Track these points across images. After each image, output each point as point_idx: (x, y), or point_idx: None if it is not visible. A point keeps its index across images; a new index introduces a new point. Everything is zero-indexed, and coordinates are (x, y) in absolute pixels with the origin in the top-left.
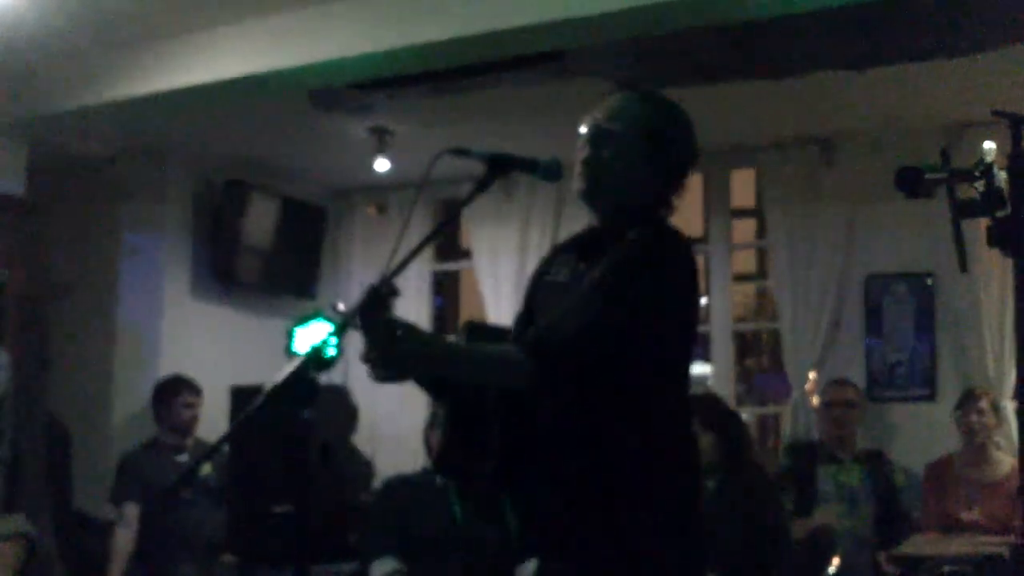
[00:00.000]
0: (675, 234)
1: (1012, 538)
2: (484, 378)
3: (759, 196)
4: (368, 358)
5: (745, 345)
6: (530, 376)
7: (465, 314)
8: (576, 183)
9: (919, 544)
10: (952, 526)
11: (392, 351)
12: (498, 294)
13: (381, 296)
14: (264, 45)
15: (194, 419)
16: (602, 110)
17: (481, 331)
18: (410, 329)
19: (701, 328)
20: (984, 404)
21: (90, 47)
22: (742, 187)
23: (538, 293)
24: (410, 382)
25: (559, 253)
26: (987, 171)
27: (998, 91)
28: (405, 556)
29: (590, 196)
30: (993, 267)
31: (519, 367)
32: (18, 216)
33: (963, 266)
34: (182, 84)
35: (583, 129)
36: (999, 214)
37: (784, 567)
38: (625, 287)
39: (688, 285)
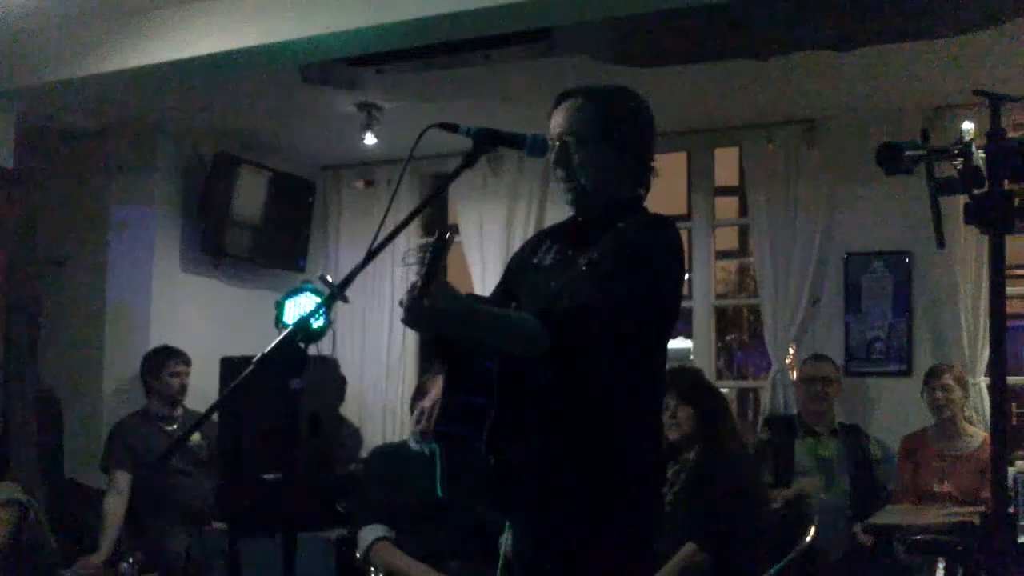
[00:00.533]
0: (664, 219)
1: (982, 508)
2: (504, 343)
3: (742, 175)
4: (411, 303)
5: (726, 321)
6: (544, 346)
7: None
8: (565, 199)
9: (892, 514)
10: (925, 497)
11: (433, 303)
12: (484, 268)
13: (447, 243)
14: (255, 19)
15: (182, 388)
16: (554, 125)
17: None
18: (448, 286)
19: (684, 304)
20: (948, 380)
21: (81, 19)
22: (726, 166)
23: (520, 275)
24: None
25: (542, 240)
26: (965, 149)
27: (978, 72)
28: (393, 524)
29: (579, 207)
30: (969, 248)
31: (540, 338)
32: (7, 188)
33: (940, 242)
34: (173, 57)
35: (549, 143)
36: (977, 192)
37: (762, 537)
38: (629, 269)
39: (678, 265)
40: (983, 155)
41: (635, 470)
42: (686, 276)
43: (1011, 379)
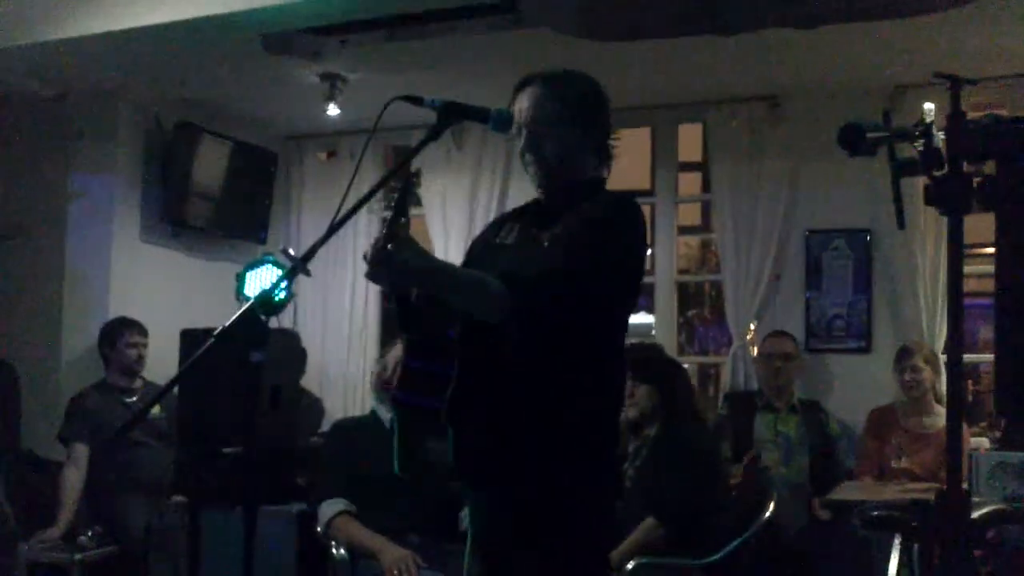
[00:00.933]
0: (628, 197)
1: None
2: (466, 300)
3: (705, 151)
4: (375, 255)
5: (688, 296)
6: (506, 308)
7: None
8: (532, 180)
9: (851, 490)
10: (887, 472)
11: (396, 255)
12: (447, 242)
13: (409, 189)
14: None
15: (139, 358)
16: (519, 111)
17: None
18: (413, 241)
19: (646, 279)
20: (918, 360)
21: None
22: (689, 142)
23: (483, 254)
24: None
25: (504, 222)
26: (926, 131)
27: (940, 53)
28: (354, 497)
29: (547, 186)
30: (929, 227)
31: (501, 298)
32: None
33: (901, 223)
34: (134, 24)
35: (515, 130)
36: (936, 173)
37: (721, 512)
38: (594, 241)
39: (641, 242)
40: (943, 137)
41: (595, 442)
42: (648, 252)
43: (967, 357)
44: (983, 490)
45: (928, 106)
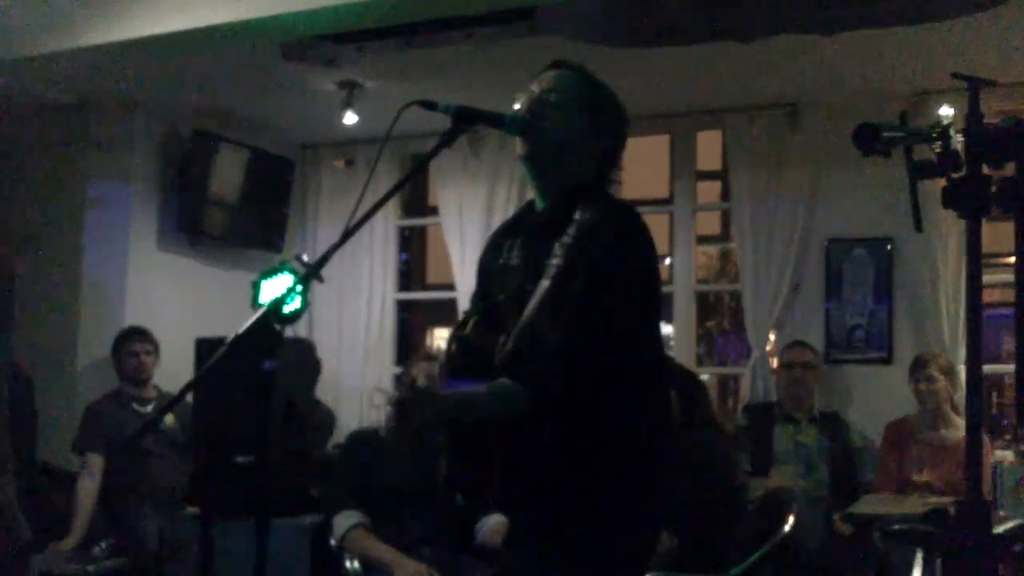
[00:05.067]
0: (627, 209)
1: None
2: (494, 418)
3: (725, 159)
4: (397, 426)
5: (707, 306)
6: (525, 405)
7: (431, 269)
8: (519, 149)
9: (871, 504)
10: (907, 486)
11: (424, 416)
12: (464, 251)
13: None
14: None
15: (140, 367)
16: (538, 84)
17: (468, 347)
18: (431, 399)
19: (664, 289)
20: (933, 371)
21: None
22: (708, 150)
23: (493, 277)
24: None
25: (502, 239)
26: (943, 133)
27: (961, 59)
28: (368, 510)
29: (533, 162)
30: (950, 234)
31: (521, 403)
32: None
33: (918, 225)
34: (152, 32)
35: (517, 105)
36: (954, 175)
37: (737, 523)
38: (597, 287)
39: (650, 259)
40: (961, 139)
41: (647, 483)
42: (667, 260)
43: (991, 368)
44: (1008, 504)
45: (945, 110)
